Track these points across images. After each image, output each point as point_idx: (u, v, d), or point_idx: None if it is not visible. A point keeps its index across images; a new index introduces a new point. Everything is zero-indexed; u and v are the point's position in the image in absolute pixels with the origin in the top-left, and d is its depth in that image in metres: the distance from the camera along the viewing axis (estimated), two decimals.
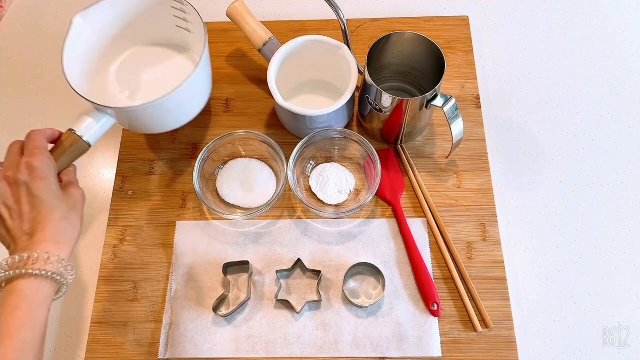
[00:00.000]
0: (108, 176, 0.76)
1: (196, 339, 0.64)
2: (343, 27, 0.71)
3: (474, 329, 0.64)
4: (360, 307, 0.65)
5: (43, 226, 0.51)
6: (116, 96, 0.73)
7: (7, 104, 0.83)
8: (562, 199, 0.73)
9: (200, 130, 0.77)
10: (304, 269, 0.67)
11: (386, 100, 0.65)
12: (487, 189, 0.72)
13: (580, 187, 0.73)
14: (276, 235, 0.70)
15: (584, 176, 0.74)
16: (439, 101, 0.64)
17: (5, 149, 0.79)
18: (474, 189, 0.72)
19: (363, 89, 0.69)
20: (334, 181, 0.71)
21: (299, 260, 0.66)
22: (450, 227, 0.69)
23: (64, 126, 0.80)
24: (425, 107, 0.66)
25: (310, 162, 0.74)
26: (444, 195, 0.71)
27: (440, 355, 0.63)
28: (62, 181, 0.59)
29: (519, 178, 0.74)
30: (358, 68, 0.70)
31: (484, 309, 0.64)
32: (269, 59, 0.70)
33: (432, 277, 0.66)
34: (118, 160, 0.76)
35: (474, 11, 0.85)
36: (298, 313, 0.65)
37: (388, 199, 0.71)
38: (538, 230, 0.71)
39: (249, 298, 0.66)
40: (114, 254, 0.70)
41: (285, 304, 0.66)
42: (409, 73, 0.74)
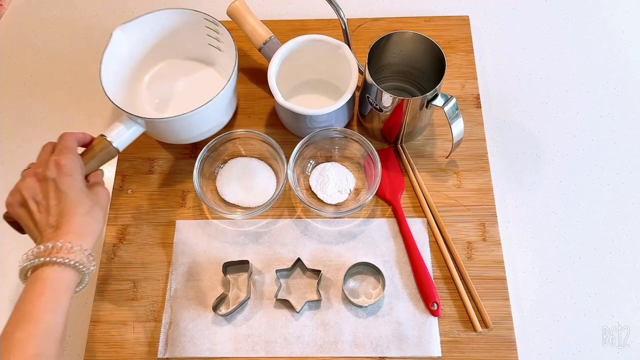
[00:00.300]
0: (108, 175, 0.75)
1: (196, 339, 0.64)
2: (344, 27, 0.71)
3: (474, 329, 0.64)
4: (360, 307, 0.65)
5: (68, 219, 0.54)
6: (146, 106, 0.77)
7: (7, 103, 0.83)
8: (562, 199, 0.73)
9: None
10: (304, 269, 0.67)
11: (387, 100, 0.65)
12: (487, 189, 0.72)
13: (580, 187, 0.73)
14: (276, 234, 0.70)
15: (584, 176, 0.74)
16: (439, 101, 0.64)
17: (5, 148, 0.79)
18: (474, 189, 0.72)
19: (364, 89, 0.69)
20: (334, 181, 0.71)
21: (299, 259, 0.66)
22: (450, 227, 0.69)
23: (63, 125, 0.81)
24: (426, 107, 0.66)
25: (311, 162, 0.74)
26: (444, 195, 0.71)
27: (440, 355, 0.63)
28: (90, 181, 0.62)
29: (519, 178, 0.74)
30: (359, 68, 0.70)
31: (484, 309, 0.64)
32: (269, 59, 0.70)
33: (432, 277, 0.66)
34: (118, 159, 0.76)
35: (474, 11, 0.85)
36: (298, 313, 0.65)
37: (388, 199, 0.71)
38: (538, 230, 0.71)
39: (249, 297, 0.66)
40: (113, 253, 0.70)
41: (285, 304, 0.66)
42: (409, 73, 0.74)
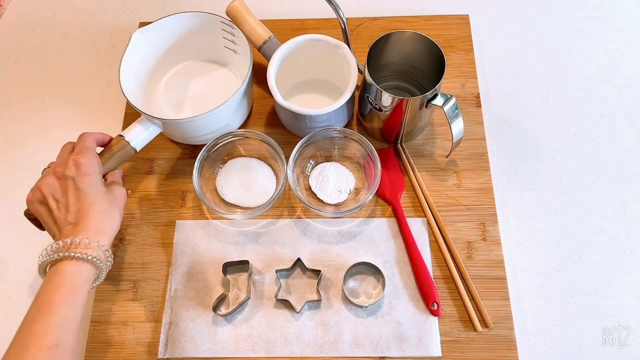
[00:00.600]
0: None
1: (196, 339, 0.64)
2: (343, 26, 0.71)
3: (474, 329, 0.64)
4: (360, 307, 0.65)
5: (86, 217, 0.56)
6: (163, 107, 0.78)
7: (6, 102, 0.83)
8: (562, 199, 0.72)
9: None
10: (304, 269, 0.67)
11: (386, 99, 0.64)
12: (487, 189, 0.71)
13: (580, 187, 0.73)
14: (276, 234, 0.70)
15: (584, 176, 0.74)
16: (439, 100, 0.64)
17: (4, 147, 0.79)
18: (474, 188, 0.72)
19: (363, 89, 0.69)
20: (334, 181, 0.71)
21: (299, 259, 0.66)
22: (450, 227, 0.69)
23: (62, 123, 0.81)
24: (426, 107, 0.66)
25: (310, 162, 0.73)
26: (444, 194, 0.71)
27: (440, 355, 0.63)
28: (108, 180, 0.64)
29: (519, 177, 0.74)
30: (358, 67, 0.70)
31: (484, 309, 0.64)
32: (268, 58, 0.70)
33: (432, 277, 0.66)
34: None
35: (474, 10, 0.85)
36: (298, 313, 0.65)
37: (388, 199, 0.71)
38: (538, 230, 0.71)
39: (249, 298, 0.66)
40: (113, 253, 0.69)
41: (285, 304, 0.66)
42: (409, 72, 0.74)
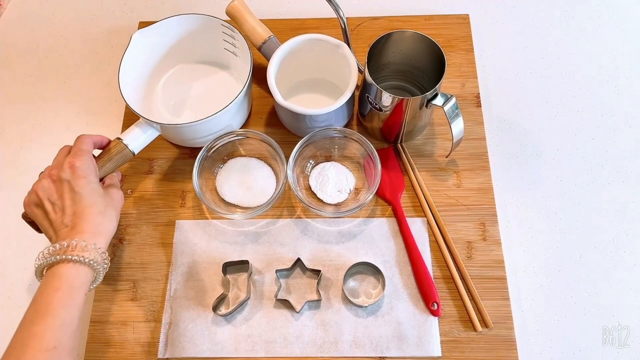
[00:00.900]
0: None
1: (196, 339, 0.64)
2: (343, 26, 0.71)
3: (474, 329, 0.64)
4: (360, 307, 0.65)
5: (82, 219, 0.56)
6: (162, 109, 0.77)
7: (6, 101, 0.82)
8: (563, 199, 0.72)
9: None
10: (304, 269, 0.67)
11: (386, 99, 0.64)
12: (488, 189, 0.71)
13: (580, 187, 0.73)
14: (276, 234, 0.70)
15: (584, 176, 0.74)
16: (439, 100, 0.64)
17: (4, 147, 0.79)
18: (474, 188, 0.72)
19: (363, 88, 0.68)
20: (334, 180, 0.71)
21: (298, 259, 0.66)
22: (450, 227, 0.69)
23: (61, 123, 0.81)
24: (426, 107, 0.66)
25: (310, 162, 0.73)
26: (444, 194, 0.71)
27: (440, 355, 0.63)
28: (105, 183, 0.64)
29: (519, 177, 0.74)
30: (358, 67, 0.70)
31: (484, 309, 0.64)
32: (268, 58, 0.70)
33: (432, 277, 0.66)
34: None
35: (474, 10, 0.85)
36: (298, 313, 0.65)
37: (388, 199, 0.71)
38: (538, 230, 0.71)
39: (249, 298, 0.66)
40: (113, 253, 0.70)
41: (285, 304, 0.66)
42: (409, 72, 0.74)
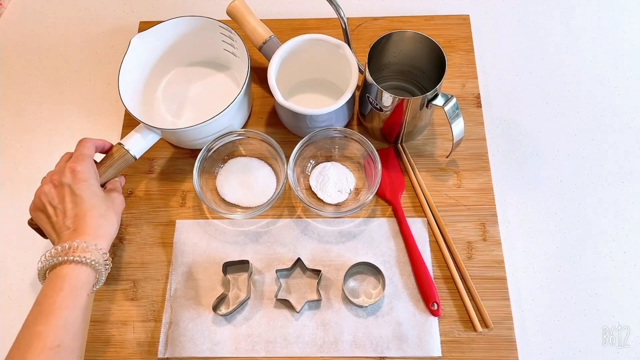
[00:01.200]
0: None
1: (196, 338, 0.64)
2: (344, 26, 0.71)
3: (474, 329, 0.64)
4: (361, 307, 0.65)
5: (84, 222, 0.57)
6: (163, 111, 0.78)
7: (5, 101, 0.82)
8: (563, 199, 0.72)
9: None
10: (304, 269, 0.67)
11: (387, 99, 0.64)
12: (488, 189, 0.71)
13: (580, 187, 0.73)
14: (276, 234, 0.70)
15: (584, 176, 0.74)
16: (439, 101, 0.64)
17: (4, 147, 0.79)
18: (475, 188, 0.72)
19: (364, 88, 0.69)
20: (334, 180, 0.71)
21: (299, 259, 0.66)
22: (450, 227, 0.69)
23: (60, 122, 0.81)
24: (426, 107, 0.66)
25: (311, 162, 0.73)
26: (444, 194, 0.71)
27: (440, 355, 0.63)
28: (107, 188, 0.65)
29: (520, 178, 0.74)
30: (359, 67, 0.70)
31: (484, 309, 0.64)
32: (269, 58, 0.70)
33: (432, 277, 0.66)
34: None
35: (475, 10, 0.85)
36: (298, 313, 0.65)
37: (388, 199, 0.71)
38: (538, 230, 0.71)
39: (249, 297, 0.66)
40: (113, 253, 0.70)
41: (285, 304, 0.66)
42: (409, 72, 0.74)
